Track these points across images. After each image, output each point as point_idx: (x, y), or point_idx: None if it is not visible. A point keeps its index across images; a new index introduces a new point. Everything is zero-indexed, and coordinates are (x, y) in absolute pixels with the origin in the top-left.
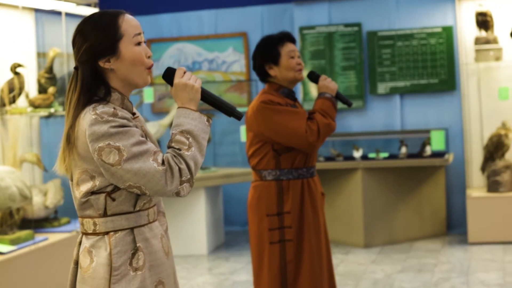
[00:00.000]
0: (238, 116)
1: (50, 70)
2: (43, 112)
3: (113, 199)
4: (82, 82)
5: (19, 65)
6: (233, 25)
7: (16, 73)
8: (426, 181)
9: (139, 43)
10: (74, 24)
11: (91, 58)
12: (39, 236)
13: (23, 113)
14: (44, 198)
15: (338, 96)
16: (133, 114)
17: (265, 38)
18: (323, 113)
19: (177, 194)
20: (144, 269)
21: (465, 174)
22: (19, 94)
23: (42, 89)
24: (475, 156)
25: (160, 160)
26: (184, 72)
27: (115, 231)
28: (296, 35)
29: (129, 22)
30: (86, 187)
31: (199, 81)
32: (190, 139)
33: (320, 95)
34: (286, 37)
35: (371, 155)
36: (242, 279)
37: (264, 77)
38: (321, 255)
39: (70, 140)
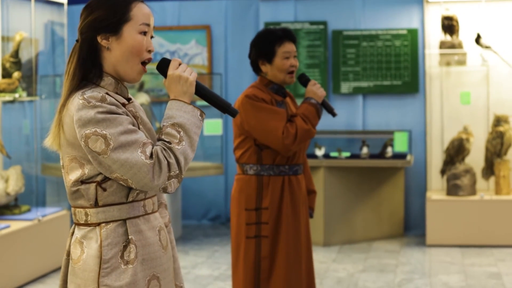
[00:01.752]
0: (233, 113)
1: (15, 54)
2: (8, 97)
3: (104, 189)
4: (79, 55)
5: None
6: (196, 18)
7: None
8: (386, 182)
9: (144, 33)
10: (41, 9)
11: (91, 30)
12: (1, 223)
13: None
14: (5, 185)
15: (324, 104)
16: (129, 99)
17: (266, 32)
18: (304, 118)
19: (164, 190)
20: (136, 263)
21: (426, 177)
22: None
23: (6, 74)
24: (435, 159)
25: (148, 153)
26: (179, 64)
27: (107, 222)
28: None
29: (141, 10)
30: (75, 175)
31: (194, 74)
32: (182, 132)
33: (306, 99)
34: (286, 36)
35: (333, 154)
36: (204, 273)
37: (256, 70)
38: (299, 254)
39: (60, 116)
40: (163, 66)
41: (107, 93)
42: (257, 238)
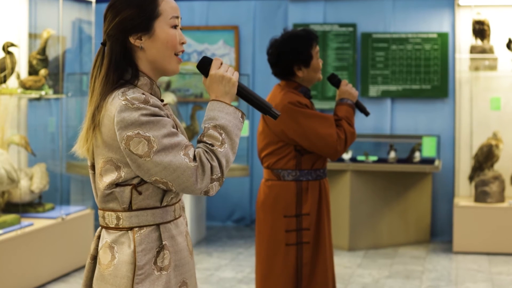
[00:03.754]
0: (274, 115)
1: (42, 51)
2: (34, 94)
3: (140, 193)
4: (110, 58)
5: (12, 44)
6: (225, 18)
7: (9, 53)
8: (413, 187)
9: (175, 27)
10: (69, 7)
11: (122, 32)
12: (24, 221)
13: (14, 94)
14: (29, 183)
15: (357, 104)
16: (161, 101)
17: (296, 37)
18: (348, 121)
19: (206, 193)
20: (170, 269)
21: (454, 182)
22: (11, 74)
23: (33, 71)
24: (464, 165)
25: (191, 155)
26: (221, 64)
27: (140, 227)
28: None
29: (169, 3)
30: (110, 178)
31: (237, 74)
32: (223, 134)
33: (342, 100)
34: (315, 38)
35: (360, 157)
36: (228, 276)
37: (288, 75)
38: (332, 257)
39: (94, 121)
40: (205, 64)
41: (144, 94)
42: (298, 245)
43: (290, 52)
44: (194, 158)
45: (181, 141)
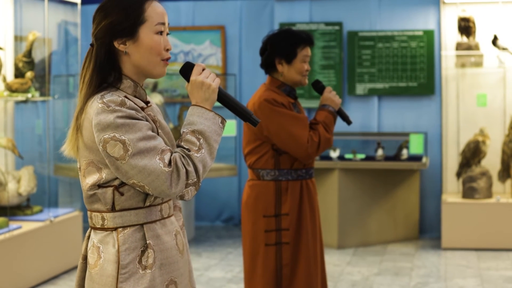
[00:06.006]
0: (254, 122)
1: (28, 54)
2: (21, 97)
3: (121, 194)
4: (96, 60)
5: None
6: (211, 18)
7: None
8: (401, 184)
9: (160, 33)
10: (54, 9)
11: (107, 36)
12: (12, 224)
13: (0, 97)
14: (17, 185)
15: (340, 112)
16: (147, 102)
17: (288, 32)
18: (325, 126)
19: (181, 197)
20: (154, 268)
21: (442, 179)
22: None
23: (19, 73)
24: (451, 161)
25: (167, 160)
26: (203, 69)
27: (124, 227)
28: None
29: (155, 9)
30: (92, 179)
31: (218, 80)
32: (201, 140)
33: (324, 106)
34: (310, 40)
35: (348, 156)
36: (217, 276)
37: (269, 68)
38: (317, 258)
39: (77, 122)
40: (187, 70)
41: (125, 97)
42: (277, 245)
43: (275, 43)
44: (170, 163)
45: (157, 145)
